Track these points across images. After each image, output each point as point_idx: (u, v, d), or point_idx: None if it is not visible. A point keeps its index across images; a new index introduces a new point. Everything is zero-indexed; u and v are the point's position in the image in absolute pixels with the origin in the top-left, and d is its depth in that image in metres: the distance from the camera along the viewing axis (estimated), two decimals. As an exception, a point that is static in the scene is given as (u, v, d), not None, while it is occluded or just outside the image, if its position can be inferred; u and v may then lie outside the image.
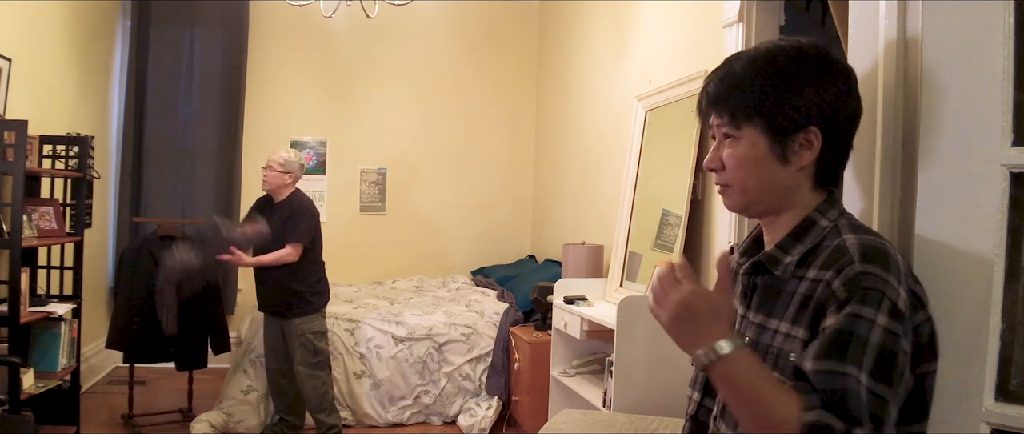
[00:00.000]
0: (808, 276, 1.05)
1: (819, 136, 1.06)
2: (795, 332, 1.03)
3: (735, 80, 1.09)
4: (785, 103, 1.06)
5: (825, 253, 1.04)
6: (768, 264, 1.11)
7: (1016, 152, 1.01)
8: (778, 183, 1.09)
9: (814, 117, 1.06)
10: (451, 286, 5.34)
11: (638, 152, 3.50)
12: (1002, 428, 1.01)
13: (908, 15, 1.24)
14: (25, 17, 3.59)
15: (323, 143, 5.55)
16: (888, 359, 0.94)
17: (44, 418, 3.25)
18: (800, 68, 1.07)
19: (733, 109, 1.09)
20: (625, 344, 2.70)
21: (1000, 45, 1.02)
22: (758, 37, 2.72)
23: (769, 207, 1.13)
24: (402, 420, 4.06)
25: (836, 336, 0.95)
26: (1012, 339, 1.00)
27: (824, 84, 1.06)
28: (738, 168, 1.10)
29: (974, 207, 1.05)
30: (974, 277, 1.04)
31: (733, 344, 0.96)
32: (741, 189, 1.12)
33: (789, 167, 1.08)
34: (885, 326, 0.94)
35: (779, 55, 1.08)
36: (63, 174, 3.53)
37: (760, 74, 1.08)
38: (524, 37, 5.95)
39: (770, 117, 1.06)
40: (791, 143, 1.07)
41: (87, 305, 3.92)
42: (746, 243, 1.23)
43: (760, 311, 1.11)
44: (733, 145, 1.10)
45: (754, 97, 1.07)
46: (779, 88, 1.06)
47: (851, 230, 1.06)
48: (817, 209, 1.10)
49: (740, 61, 1.11)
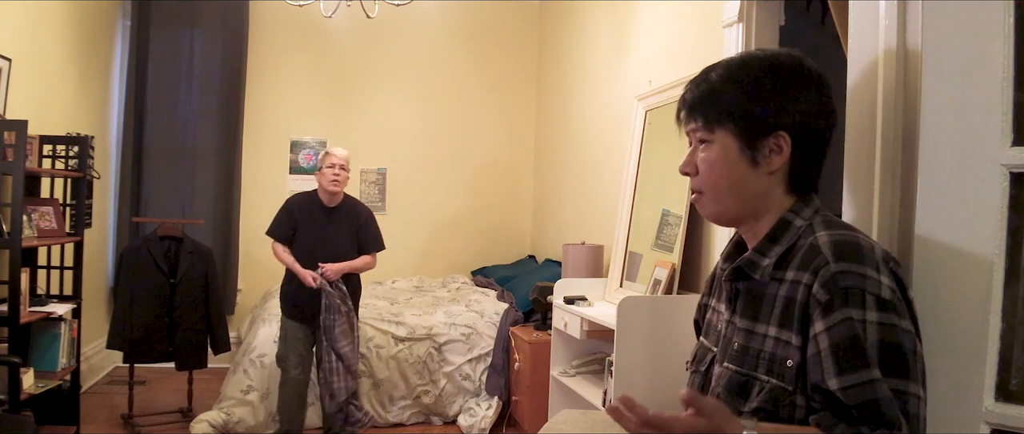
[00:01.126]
0: (787, 278, 1.06)
1: (788, 141, 1.09)
2: (786, 337, 1.04)
3: (710, 87, 1.13)
4: (755, 108, 1.09)
5: (800, 253, 1.06)
6: (747, 269, 1.12)
7: (1016, 152, 1.01)
8: (749, 187, 1.12)
9: (784, 123, 1.08)
10: (451, 286, 5.34)
11: (638, 152, 3.50)
12: (1002, 428, 1.01)
13: (908, 15, 1.24)
14: (25, 17, 3.59)
15: (323, 143, 5.55)
16: (895, 352, 0.95)
17: (44, 418, 3.26)
18: (773, 76, 1.10)
19: (706, 114, 1.13)
20: (625, 344, 2.70)
21: (1000, 45, 1.02)
22: (758, 37, 2.72)
23: (741, 213, 1.15)
24: (402, 420, 4.06)
25: (838, 348, 0.96)
26: (1012, 339, 1.01)
27: (796, 92, 1.09)
28: (710, 171, 1.14)
29: (974, 207, 1.05)
30: (974, 277, 1.04)
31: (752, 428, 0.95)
32: (713, 195, 1.15)
33: (759, 171, 1.11)
34: (878, 321, 0.95)
35: (753, 63, 1.12)
36: (63, 174, 3.53)
37: (733, 81, 1.11)
38: (524, 37, 5.95)
39: (741, 121, 1.10)
40: (761, 147, 1.10)
41: (87, 305, 3.92)
42: (728, 248, 1.25)
43: (745, 316, 1.12)
44: (706, 149, 1.14)
45: (726, 102, 1.11)
46: (750, 94, 1.10)
47: (824, 227, 1.07)
48: (791, 209, 1.12)
49: (717, 70, 1.15)
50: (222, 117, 5.30)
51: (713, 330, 1.25)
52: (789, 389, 1.02)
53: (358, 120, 5.62)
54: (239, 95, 5.30)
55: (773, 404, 1.02)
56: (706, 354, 1.23)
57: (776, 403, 1.02)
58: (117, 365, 4.90)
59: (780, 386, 1.02)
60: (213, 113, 5.30)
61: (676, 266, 2.94)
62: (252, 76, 5.36)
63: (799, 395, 1.01)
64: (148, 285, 3.81)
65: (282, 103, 5.50)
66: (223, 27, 5.29)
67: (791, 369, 1.02)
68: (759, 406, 1.03)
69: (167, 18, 5.19)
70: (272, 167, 5.48)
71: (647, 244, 3.27)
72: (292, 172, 5.52)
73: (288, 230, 3.55)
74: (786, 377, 1.02)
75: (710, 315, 1.28)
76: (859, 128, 1.36)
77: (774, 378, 1.03)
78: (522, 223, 5.96)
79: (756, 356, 1.08)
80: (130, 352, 3.84)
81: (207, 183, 5.31)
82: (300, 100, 5.55)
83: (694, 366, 1.26)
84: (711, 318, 1.27)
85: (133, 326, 3.78)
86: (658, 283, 3.00)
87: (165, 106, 5.24)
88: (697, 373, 1.24)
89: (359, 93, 5.65)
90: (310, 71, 5.57)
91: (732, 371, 1.10)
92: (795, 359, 1.01)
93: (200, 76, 5.29)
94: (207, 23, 5.27)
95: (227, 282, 5.22)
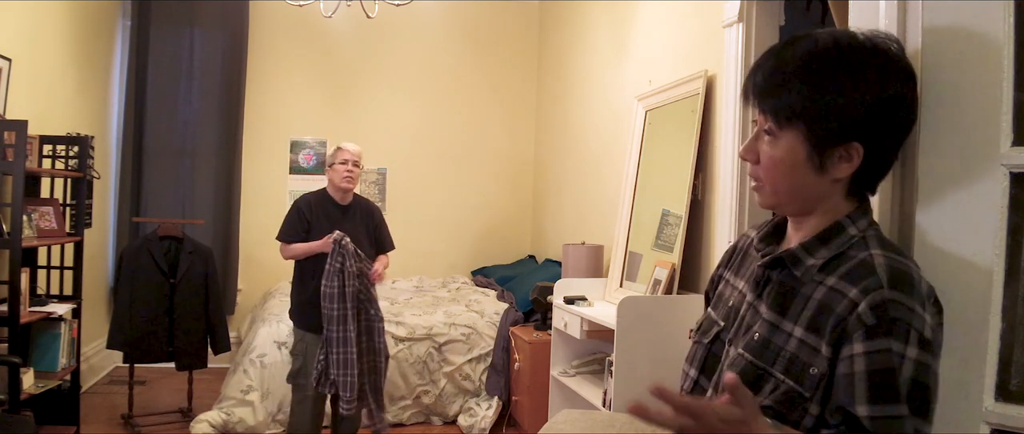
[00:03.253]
0: (828, 283, 1.03)
1: (861, 152, 1.01)
2: (813, 342, 1.01)
3: (783, 78, 1.03)
4: (829, 113, 1.00)
5: (849, 263, 1.02)
6: (789, 263, 1.08)
7: (1016, 152, 1.01)
8: (811, 190, 1.06)
9: (859, 132, 1.00)
10: (451, 286, 5.34)
11: (638, 152, 3.50)
12: (1002, 428, 1.01)
13: (908, 15, 1.24)
14: (25, 17, 3.59)
15: (323, 143, 5.55)
16: (923, 392, 0.94)
17: (44, 418, 3.26)
18: (855, 76, 0.99)
19: (776, 109, 1.04)
20: (625, 344, 2.70)
21: (1000, 45, 1.02)
22: (758, 37, 2.72)
23: (799, 209, 1.10)
24: (402, 420, 4.06)
25: (874, 376, 0.94)
26: (1012, 339, 1.00)
27: (879, 90, 1.00)
28: (772, 169, 1.07)
29: (974, 207, 1.05)
30: (974, 277, 1.04)
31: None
32: (772, 189, 1.09)
33: (825, 177, 1.04)
34: (916, 359, 0.94)
35: (834, 52, 1.01)
36: (63, 174, 3.53)
37: (809, 74, 1.01)
38: (524, 37, 5.95)
39: (812, 125, 1.01)
40: (830, 154, 1.02)
41: (87, 305, 3.92)
42: (767, 229, 1.18)
43: (773, 308, 1.08)
44: (772, 144, 1.06)
45: (799, 100, 1.01)
46: (826, 94, 1.00)
47: (879, 245, 1.03)
48: (848, 216, 1.07)
49: (795, 54, 1.03)
50: (222, 117, 5.31)
51: (723, 303, 1.21)
52: (806, 396, 0.99)
53: (358, 120, 5.62)
54: (239, 95, 5.30)
55: (785, 405, 1.00)
56: (712, 326, 1.20)
57: (789, 405, 1.00)
58: (117, 365, 4.90)
59: (796, 390, 1.00)
60: (213, 113, 5.31)
61: (676, 266, 2.94)
62: (252, 76, 5.36)
63: (814, 404, 0.99)
64: (148, 285, 3.81)
65: (282, 103, 5.50)
66: (223, 27, 5.29)
67: (813, 377, 0.99)
68: (770, 404, 1.01)
69: (167, 18, 5.19)
70: (272, 167, 5.48)
71: (647, 244, 3.27)
72: (292, 172, 5.52)
73: (301, 232, 3.31)
74: (805, 383, 0.99)
75: (723, 287, 1.24)
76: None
77: (791, 380, 1.01)
78: (522, 223, 5.96)
79: (776, 353, 1.04)
80: (130, 352, 3.84)
81: (207, 183, 5.31)
82: (300, 100, 5.55)
83: (698, 336, 1.23)
84: (723, 291, 1.23)
85: (133, 326, 3.78)
86: (658, 283, 3.00)
87: (165, 106, 5.24)
88: (700, 344, 1.21)
89: (359, 93, 5.65)
90: (310, 71, 5.57)
91: (748, 361, 1.07)
92: (821, 368, 0.99)
93: (200, 76, 5.29)
94: (207, 23, 5.27)
95: (227, 282, 5.22)
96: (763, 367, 1.05)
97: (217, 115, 5.31)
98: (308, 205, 3.35)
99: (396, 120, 5.70)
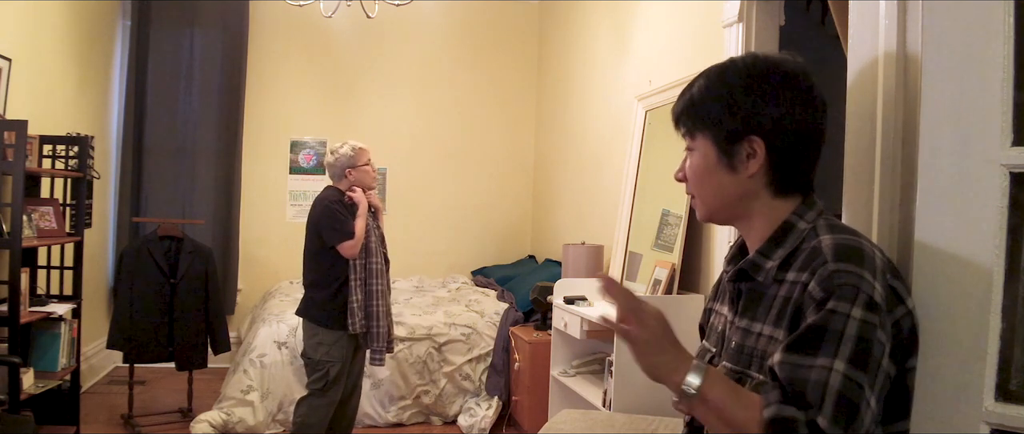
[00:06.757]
0: (787, 279, 1.08)
1: (762, 145, 1.10)
2: (776, 334, 1.06)
3: (691, 97, 1.17)
4: (726, 115, 1.11)
5: (803, 255, 1.07)
6: (750, 271, 1.14)
7: (1016, 152, 1.01)
8: (730, 191, 1.14)
9: (756, 128, 1.10)
10: (451, 286, 5.34)
11: (638, 152, 3.50)
12: (1002, 428, 1.01)
13: (908, 15, 1.24)
14: (25, 17, 3.60)
15: (323, 143, 5.55)
16: (864, 347, 0.96)
17: (44, 418, 3.26)
18: (746, 81, 1.11)
19: (688, 122, 1.17)
20: (625, 344, 2.69)
21: (1000, 45, 1.02)
22: (758, 37, 2.72)
23: (730, 214, 1.19)
24: (402, 420, 4.06)
25: (807, 330, 0.98)
26: (1012, 339, 1.00)
27: (769, 95, 1.10)
28: (695, 179, 1.18)
29: (974, 207, 1.05)
30: (974, 277, 1.04)
31: (699, 375, 0.99)
32: (701, 199, 1.19)
33: (738, 175, 1.13)
34: (861, 318, 0.96)
35: (730, 71, 1.14)
36: (63, 174, 3.53)
37: (710, 90, 1.14)
38: (524, 37, 5.95)
39: (715, 129, 1.13)
40: (737, 152, 1.12)
41: (87, 305, 3.92)
42: (732, 251, 1.27)
43: (745, 315, 1.14)
44: (691, 156, 1.18)
45: (703, 111, 1.14)
46: (723, 102, 1.12)
47: (828, 230, 1.08)
48: (795, 212, 1.13)
49: (700, 79, 1.17)
50: (222, 117, 5.31)
51: (713, 331, 1.27)
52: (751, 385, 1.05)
53: (358, 120, 5.62)
54: (239, 95, 5.30)
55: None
56: (705, 354, 1.26)
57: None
58: (117, 365, 4.90)
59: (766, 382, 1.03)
60: (213, 113, 5.31)
61: (676, 266, 2.94)
62: (252, 76, 5.37)
63: None
64: (148, 285, 3.81)
65: (282, 103, 5.50)
66: (223, 27, 5.29)
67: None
68: None
69: (167, 18, 5.19)
70: (272, 167, 5.48)
71: (647, 244, 3.27)
72: (292, 172, 5.53)
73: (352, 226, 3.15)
74: (767, 372, 1.03)
75: (713, 318, 1.30)
76: (859, 128, 1.36)
77: (761, 374, 1.05)
78: (522, 223, 5.96)
79: (751, 354, 1.10)
80: (130, 352, 3.84)
81: (207, 183, 5.31)
82: (300, 100, 5.55)
83: None
84: (714, 321, 1.29)
85: (133, 326, 3.78)
86: (658, 283, 3.00)
87: (165, 106, 5.24)
88: None
89: (359, 93, 5.65)
90: (310, 71, 5.57)
91: (728, 368, 1.13)
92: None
93: (200, 76, 5.29)
94: (207, 23, 5.27)
95: (227, 282, 5.22)
96: (741, 371, 1.10)
97: (217, 115, 5.31)
98: (339, 202, 3.19)
99: (396, 120, 5.71)
